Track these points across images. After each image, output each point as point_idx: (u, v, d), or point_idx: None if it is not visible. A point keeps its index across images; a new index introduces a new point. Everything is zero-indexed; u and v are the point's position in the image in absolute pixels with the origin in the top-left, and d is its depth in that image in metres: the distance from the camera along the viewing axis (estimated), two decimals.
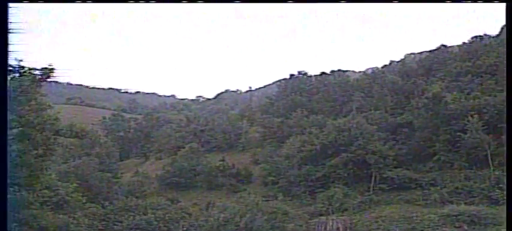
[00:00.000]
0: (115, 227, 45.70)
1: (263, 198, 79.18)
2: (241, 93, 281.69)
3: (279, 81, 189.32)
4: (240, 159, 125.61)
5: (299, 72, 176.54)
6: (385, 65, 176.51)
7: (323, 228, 68.79)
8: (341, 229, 69.34)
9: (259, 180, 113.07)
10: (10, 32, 10.72)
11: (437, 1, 16.50)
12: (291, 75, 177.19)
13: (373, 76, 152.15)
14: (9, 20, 10.61)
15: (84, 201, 61.35)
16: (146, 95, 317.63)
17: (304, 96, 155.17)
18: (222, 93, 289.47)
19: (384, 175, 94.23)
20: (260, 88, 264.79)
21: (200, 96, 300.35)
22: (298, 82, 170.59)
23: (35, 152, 51.41)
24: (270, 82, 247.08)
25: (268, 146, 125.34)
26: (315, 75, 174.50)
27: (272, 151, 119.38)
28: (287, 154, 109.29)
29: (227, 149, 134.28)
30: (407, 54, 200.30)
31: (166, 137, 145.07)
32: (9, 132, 50.86)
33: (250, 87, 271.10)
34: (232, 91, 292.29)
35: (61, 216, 53.44)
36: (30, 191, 51.37)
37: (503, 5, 12.76)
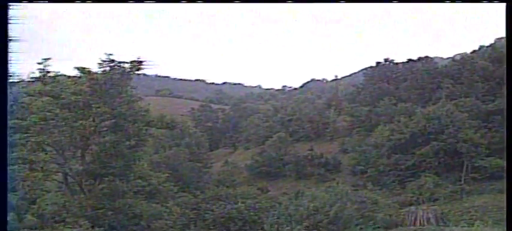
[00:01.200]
0: (206, 215, 46.17)
1: (352, 188, 78.31)
2: (327, 82, 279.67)
3: (365, 69, 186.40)
4: (328, 148, 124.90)
5: (385, 60, 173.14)
6: (475, 50, 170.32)
7: (413, 218, 67.08)
8: (432, 219, 67.41)
9: (348, 169, 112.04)
10: (10, 37, 10.62)
11: (437, 1, 15.86)
12: (377, 63, 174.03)
13: (462, 62, 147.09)
14: (9, 20, 10.52)
15: (175, 190, 62.48)
16: (233, 86, 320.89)
17: (392, 84, 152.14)
18: (307, 82, 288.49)
19: (476, 164, 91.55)
20: (346, 76, 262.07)
21: (286, 86, 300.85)
22: (384, 70, 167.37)
23: (128, 143, 52.75)
24: (356, 71, 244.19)
25: (357, 135, 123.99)
26: (401, 62, 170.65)
27: (360, 140, 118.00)
28: (376, 143, 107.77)
29: (315, 139, 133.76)
30: (498, 39, 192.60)
31: (254, 127, 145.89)
32: (102, 124, 52.53)
33: (336, 76, 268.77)
34: (318, 80, 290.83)
35: (154, 205, 54.55)
36: (124, 181, 52.72)
37: (503, 5, 11.90)
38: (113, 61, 52.40)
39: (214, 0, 17.12)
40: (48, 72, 53.31)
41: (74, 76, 54.02)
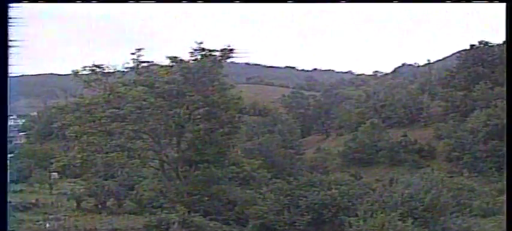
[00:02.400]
0: (300, 201, 46.03)
1: (448, 174, 75.97)
2: (419, 66, 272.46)
3: (459, 52, 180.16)
4: (423, 134, 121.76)
5: (480, 42, 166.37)
6: None
7: None
8: None
9: (443, 155, 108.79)
10: (10, 39, 10.49)
11: (437, 1, 15.11)
12: (472, 46, 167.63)
13: None
14: (9, 20, 10.37)
15: (269, 177, 62.73)
16: (323, 72, 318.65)
17: (487, 67, 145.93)
18: (399, 67, 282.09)
19: None
20: (438, 60, 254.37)
21: (377, 71, 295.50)
22: (479, 53, 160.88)
23: (221, 130, 53.36)
24: (449, 54, 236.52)
25: (451, 121, 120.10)
26: (497, 45, 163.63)
27: (455, 125, 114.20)
28: (472, 129, 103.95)
29: (409, 124, 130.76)
30: None
31: (346, 113, 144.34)
32: (196, 111, 53.36)
33: (428, 60, 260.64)
34: (410, 64, 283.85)
35: (248, 191, 55.00)
36: (219, 167, 53.42)
37: (503, 5, 11.72)
38: (203, 49, 53.03)
39: (216, 0, 16.86)
40: (142, 62, 54.64)
41: (166, 66, 55.07)
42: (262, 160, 68.60)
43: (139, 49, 54.46)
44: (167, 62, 54.98)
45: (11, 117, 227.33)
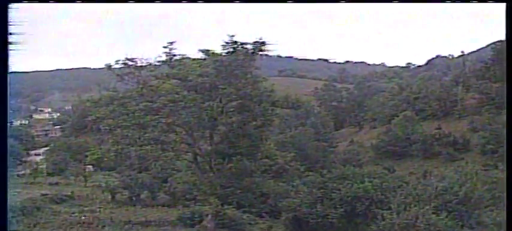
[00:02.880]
0: (333, 194, 45.77)
1: (482, 168, 75.00)
2: (453, 58, 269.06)
3: (494, 43, 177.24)
4: (457, 126, 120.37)
5: None
6: None
7: None
8: None
9: (478, 148, 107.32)
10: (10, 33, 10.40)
11: (437, 1, 14.85)
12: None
13: None
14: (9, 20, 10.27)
15: (302, 169, 62.62)
16: (355, 64, 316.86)
17: None
18: (433, 58, 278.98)
19: None
20: (473, 52, 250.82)
21: (410, 63, 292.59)
22: None
23: (254, 123, 53.27)
24: (483, 46, 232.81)
25: (486, 113, 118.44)
26: None
27: (490, 117, 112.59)
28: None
29: (442, 117, 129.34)
30: None
31: (379, 106, 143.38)
32: (229, 104, 53.37)
33: (462, 52, 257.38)
34: (444, 56, 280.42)
35: (281, 183, 54.98)
36: (252, 160, 53.38)
37: (503, 5, 11.67)
38: (235, 42, 52.90)
39: (215, 0, 16.92)
40: (174, 55, 54.82)
41: (199, 59, 55.14)
42: (295, 153, 68.54)
43: (171, 43, 54.60)
44: (199, 55, 55.05)
45: (47, 111, 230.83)
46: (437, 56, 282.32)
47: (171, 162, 58.13)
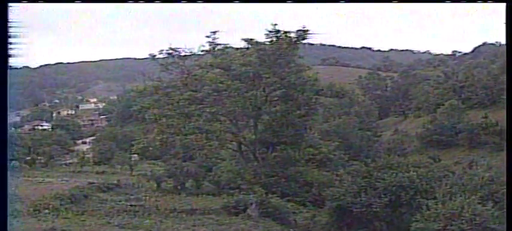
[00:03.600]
0: (377, 184, 45.34)
1: None
2: (500, 45, 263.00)
3: None
4: (504, 116, 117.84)
5: None
6: None
7: None
8: None
9: None
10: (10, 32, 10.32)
11: (436, 1, 14.54)
12: None
13: None
14: (9, 20, 10.18)
15: (346, 159, 62.27)
16: (400, 52, 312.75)
17: None
18: (479, 46, 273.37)
19: None
20: None
21: (456, 51, 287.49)
22: None
23: (298, 112, 53.25)
24: None
25: None
26: None
27: None
28: None
29: (490, 106, 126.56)
30: None
31: (424, 95, 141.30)
32: (272, 93, 53.39)
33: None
34: (491, 44, 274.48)
35: (325, 173, 54.77)
36: (296, 149, 53.37)
37: (503, 5, 11.87)
38: (278, 31, 52.80)
39: (215, 0, 16.92)
40: (217, 44, 55.04)
41: (242, 48, 55.25)
42: (339, 142, 68.06)
43: (214, 32, 54.93)
44: (243, 44, 55.19)
45: (92, 101, 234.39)
46: (484, 43, 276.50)
47: (215, 151, 58.46)
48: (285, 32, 52.92)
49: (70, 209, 40.77)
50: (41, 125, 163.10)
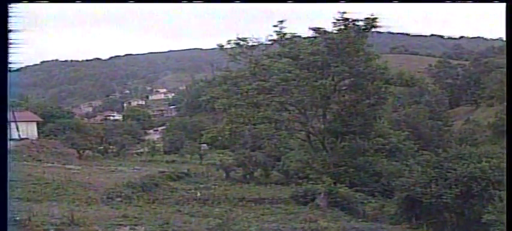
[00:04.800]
0: (448, 174, 44.37)
1: None
2: None
3: None
4: None
5: None
6: None
7: None
8: None
9: None
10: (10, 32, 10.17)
11: (436, 1, 14.00)
12: None
13: None
14: (9, 20, 10.01)
15: (416, 148, 61.24)
16: (471, 40, 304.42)
17: None
18: None
19: None
20: None
21: None
22: None
23: (368, 101, 52.62)
24: None
25: None
26: None
27: None
28: None
29: None
30: None
31: (497, 83, 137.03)
32: (341, 83, 53.02)
33: None
34: None
35: (394, 163, 54.07)
36: (365, 139, 52.87)
37: (503, 5, 11.41)
38: (347, 19, 52.24)
39: (215, 0, 16.62)
40: (285, 33, 54.98)
41: (310, 37, 55.01)
42: (409, 132, 67.01)
43: (281, 21, 54.86)
44: (310, 33, 54.93)
45: (162, 91, 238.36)
46: None
47: (284, 141, 58.62)
48: (353, 20, 52.33)
49: (141, 197, 41.63)
50: (113, 116, 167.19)
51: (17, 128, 78.76)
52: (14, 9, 10.06)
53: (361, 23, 52.47)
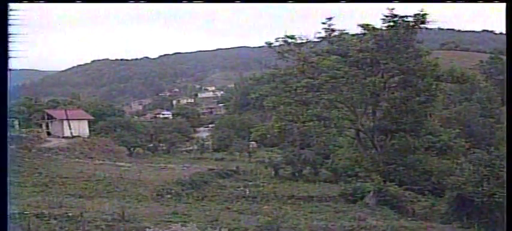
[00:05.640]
0: (500, 173, 43.61)
1: None
2: None
3: None
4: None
5: None
6: None
7: None
8: None
9: None
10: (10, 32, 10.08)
11: (436, 1, 13.67)
12: None
13: None
14: (9, 20, 9.91)
15: (467, 147, 60.21)
16: None
17: None
18: None
19: None
20: None
21: None
22: None
23: (418, 98, 52.01)
24: None
25: None
26: None
27: None
28: None
29: None
30: None
31: None
32: (391, 80, 52.50)
33: None
34: None
35: (444, 161, 53.31)
36: (415, 137, 52.32)
37: (503, 5, 11.96)
38: (395, 16, 51.69)
39: (215, 0, 16.49)
40: (333, 30, 54.75)
41: (358, 34, 54.64)
42: (460, 129, 65.91)
43: (329, 19, 54.67)
44: (359, 30, 54.56)
45: (211, 89, 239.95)
46: None
47: (333, 138, 58.41)
48: (403, 17, 51.76)
49: (191, 194, 42.10)
50: (162, 114, 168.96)
51: (69, 126, 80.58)
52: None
53: (410, 19, 51.85)
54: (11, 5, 10.16)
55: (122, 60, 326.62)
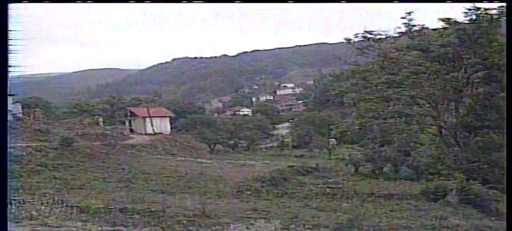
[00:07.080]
0: None
1: None
2: None
3: None
4: None
5: None
6: None
7: None
8: None
9: None
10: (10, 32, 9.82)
11: (436, 1, 12.36)
12: None
13: None
14: (9, 20, 9.66)
15: None
16: None
17: None
18: None
19: None
20: None
21: None
22: None
23: (503, 94, 50.40)
24: None
25: None
26: None
27: None
28: None
29: None
30: None
31: None
32: (474, 75, 51.06)
33: None
34: None
35: None
36: (500, 133, 50.61)
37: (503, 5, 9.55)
38: (478, 8, 50.18)
39: (215, 0, 15.85)
40: (414, 25, 53.77)
41: (439, 28, 53.45)
42: None
43: (409, 13, 53.71)
44: (440, 24, 53.31)
45: (289, 86, 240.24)
46: None
47: (414, 135, 57.37)
48: (486, 9, 50.19)
49: (271, 191, 42.32)
50: (242, 111, 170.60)
51: (152, 124, 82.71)
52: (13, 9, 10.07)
53: (494, 11, 50.24)
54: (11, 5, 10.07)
55: (201, 58, 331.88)
